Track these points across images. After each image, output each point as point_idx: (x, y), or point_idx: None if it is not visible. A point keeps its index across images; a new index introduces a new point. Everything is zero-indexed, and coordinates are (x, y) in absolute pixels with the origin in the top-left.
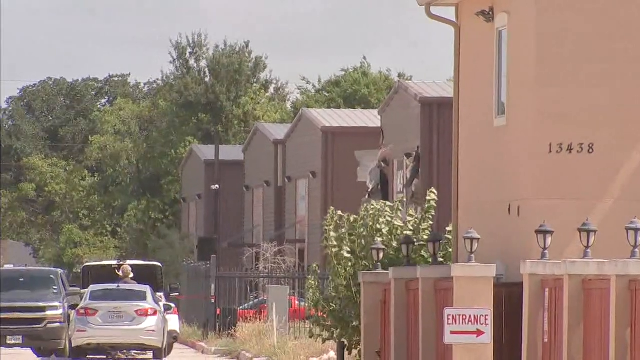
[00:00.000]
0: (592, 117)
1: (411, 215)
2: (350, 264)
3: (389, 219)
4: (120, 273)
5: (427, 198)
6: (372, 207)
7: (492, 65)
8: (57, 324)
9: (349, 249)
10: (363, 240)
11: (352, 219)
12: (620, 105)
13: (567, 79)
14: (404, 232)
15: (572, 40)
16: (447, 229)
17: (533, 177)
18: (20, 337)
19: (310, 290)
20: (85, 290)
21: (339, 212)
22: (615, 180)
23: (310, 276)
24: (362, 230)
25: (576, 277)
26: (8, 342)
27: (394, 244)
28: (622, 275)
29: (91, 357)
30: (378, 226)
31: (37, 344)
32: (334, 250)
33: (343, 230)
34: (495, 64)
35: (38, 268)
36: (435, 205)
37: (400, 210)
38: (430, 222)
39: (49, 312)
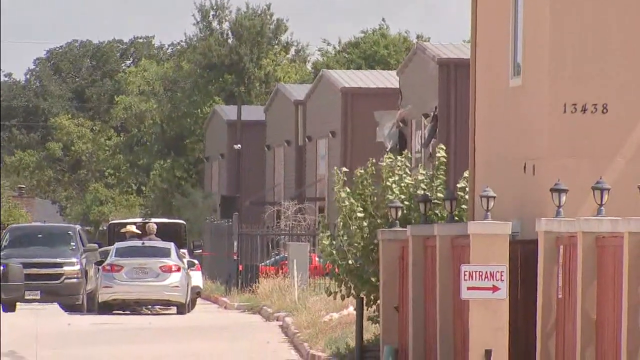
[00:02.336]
0: (606, 78)
1: (422, 174)
2: (365, 223)
3: (400, 176)
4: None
5: (437, 155)
6: (383, 163)
7: (508, 27)
8: (75, 280)
9: (361, 209)
10: (375, 198)
11: (359, 174)
12: (634, 66)
13: (582, 40)
14: (417, 191)
15: (587, 1)
16: (458, 185)
17: (548, 137)
18: (38, 292)
19: (326, 248)
20: (107, 247)
21: (344, 168)
22: (629, 140)
23: (322, 233)
24: (372, 188)
25: (590, 234)
26: (26, 297)
27: (406, 202)
28: (635, 232)
29: (117, 312)
30: (388, 184)
31: (55, 299)
32: (346, 210)
33: (352, 187)
34: (511, 25)
35: (56, 224)
36: (445, 161)
37: (407, 166)
38: (443, 179)
39: (66, 268)
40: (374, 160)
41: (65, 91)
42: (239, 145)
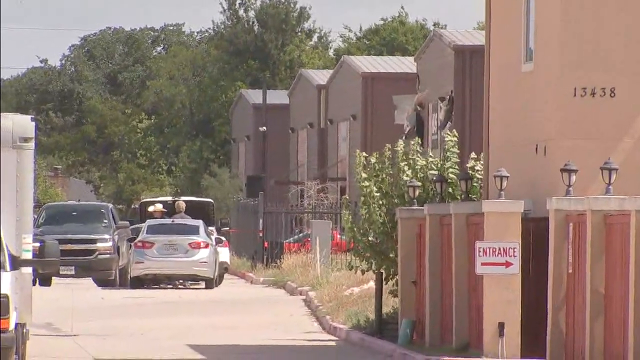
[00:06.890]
0: (614, 63)
1: (432, 156)
2: (381, 202)
3: (412, 160)
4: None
5: (447, 139)
6: (398, 149)
7: (521, 14)
8: (108, 255)
9: (377, 189)
10: (391, 178)
11: (374, 159)
12: None
13: (592, 27)
14: (429, 172)
15: None
16: (467, 166)
17: (559, 119)
18: (73, 267)
19: (347, 225)
20: (139, 224)
21: (364, 153)
22: (635, 122)
23: (345, 211)
24: (388, 170)
25: (598, 212)
26: (61, 272)
27: (420, 182)
28: None
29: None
30: (401, 166)
31: (88, 274)
32: (366, 190)
33: (369, 170)
34: (524, 12)
35: (90, 203)
36: (454, 144)
37: (419, 152)
38: (456, 161)
39: (99, 244)
40: (389, 146)
41: (98, 76)
42: (264, 128)
